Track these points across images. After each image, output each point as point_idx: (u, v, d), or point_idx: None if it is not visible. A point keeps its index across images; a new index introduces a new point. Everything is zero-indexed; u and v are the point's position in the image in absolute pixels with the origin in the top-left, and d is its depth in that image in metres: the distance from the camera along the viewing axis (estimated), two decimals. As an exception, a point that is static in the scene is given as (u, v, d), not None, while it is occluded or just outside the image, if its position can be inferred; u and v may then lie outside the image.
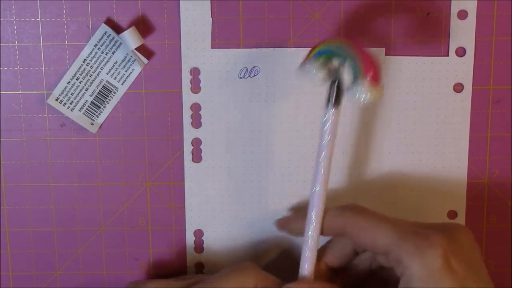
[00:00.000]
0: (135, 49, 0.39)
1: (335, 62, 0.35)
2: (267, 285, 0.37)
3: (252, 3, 0.40)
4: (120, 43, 0.39)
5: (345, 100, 0.35)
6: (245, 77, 0.40)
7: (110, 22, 0.40)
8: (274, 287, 0.37)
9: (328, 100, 0.35)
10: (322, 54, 0.35)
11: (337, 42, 0.34)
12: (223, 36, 0.40)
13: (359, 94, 0.33)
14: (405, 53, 0.40)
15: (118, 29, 0.40)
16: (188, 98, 0.40)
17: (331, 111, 0.35)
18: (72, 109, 0.40)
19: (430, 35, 0.40)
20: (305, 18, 0.40)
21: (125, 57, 0.40)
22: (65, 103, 0.40)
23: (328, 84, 0.35)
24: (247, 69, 0.40)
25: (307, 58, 0.35)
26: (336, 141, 0.41)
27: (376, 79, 0.33)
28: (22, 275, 0.43)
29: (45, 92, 0.40)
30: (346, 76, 0.34)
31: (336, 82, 0.35)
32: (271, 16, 0.40)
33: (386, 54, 0.40)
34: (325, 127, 0.35)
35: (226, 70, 0.40)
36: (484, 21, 0.40)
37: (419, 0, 0.40)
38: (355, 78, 0.33)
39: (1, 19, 0.39)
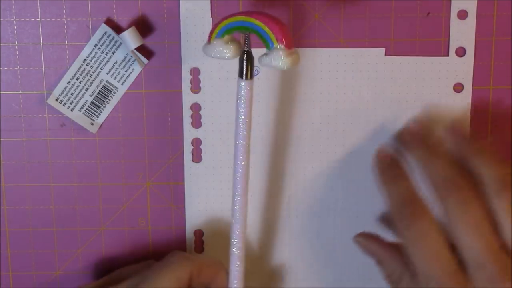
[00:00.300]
0: (135, 49, 0.39)
1: (241, 36, 0.35)
2: (202, 270, 0.37)
3: (252, 3, 0.40)
4: (120, 43, 0.39)
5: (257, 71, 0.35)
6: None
7: (110, 22, 0.40)
8: (210, 268, 0.38)
9: (240, 73, 0.35)
10: (226, 31, 0.34)
11: (239, 17, 0.34)
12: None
13: (276, 62, 0.33)
14: (405, 53, 0.40)
15: (118, 29, 0.40)
16: (188, 98, 0.40)
17: (244, 84, 0.35)
18: (72, 109, 0.40)
19: (430, 35, 0.40)
20: (305, 18, 0.40)
21: (125, 57, 0.40)
22: (65, 103, 0.40)
23: (238, 58, 0.35)
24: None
25: (210, 38, 0.34)
26: (336, 141, 0.41)
27: (290, 44, 0.33)
28: (22, 275, 0.43)
29: (45, 92, 0.40)
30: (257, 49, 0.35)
31: (245, 54, 0.35)
32: (271, 16, 0.40)
33: (386, 54, 0.40)
34: (240, 102, 0.35)
35: (226, 70, 0.40)
36: (484, 21, 0.40)
37: (419, 0, 0.40)
38: (269, 47, 0.33)
39: (1, 19, 0.39)
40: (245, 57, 0.35)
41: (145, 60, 0.40)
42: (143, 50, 0.40)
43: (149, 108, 0.41)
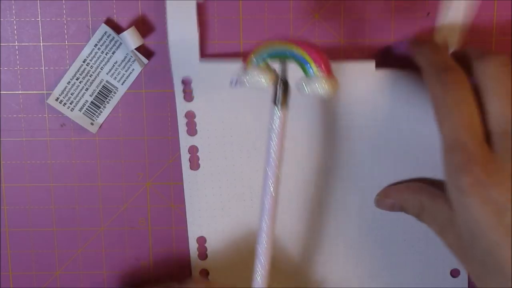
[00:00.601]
0: (135, 49, 0.39)
1: (278, 63, 0.34)
2: None
3: (252, 3, 0.40)
4: (120, 43, 0.39)
5: (291, 98, 0.34)
6: (236, 85, 0.40)
7: (110, 22, 0.40)
8: None
9: (275, 101, 0.34)
10: (264, 59, 0.33)
11: (277, 43, 0.33)
12: (223, 35, 0.40)
13: (318, 90, 0.32)
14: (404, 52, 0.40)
15: (118, 29, 0.40)
16: (181, 106, 0.40)
17: (279, 112, 0.34)
18: (72, 109, 0.40)
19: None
20: (305, 18, 0.40)
21: (125, 57, 0.40)
22: (65, 103, 0.40)
23: (273, 85, 0.34)
24: (237, 79, 0.39)
25: (247, 66, 0.33)
26: (335, 145, 0.41)
27: (329, 71, 0.33)
28: (22, 275, 0.43)
29: (45, 92, 0.40)
30: (292, 74, 0.34)
31: (282, 82, 0.34)
32: (271, 16, 0.40)
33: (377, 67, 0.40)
34: (273, 129, 0.34)
35: (219, 77, 0.39)
36: (484, 21, 0.40)
37: (419, 0, 0.40)
38: (307, 74, 0.32)
39: (1, 19, 0.39)
40: (281, 85, 0.34)
41: (145, 60, 0.40)
42: (143, 50, 0.40)
43: (149, 108, 0.41)
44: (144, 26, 0.40)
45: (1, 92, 0.40)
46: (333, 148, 0.41)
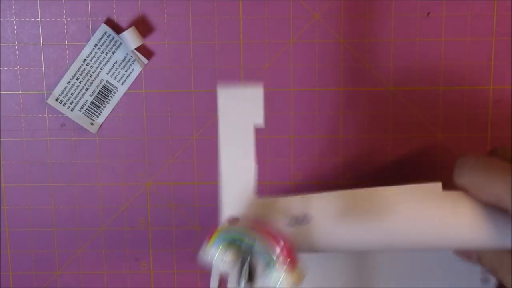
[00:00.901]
0: (135, 49, 0.39)
1: (242, 243, 0.31)
2: None
3: (252, 3, 0.40)
4: (120, 43, 0.39)
5: (259, 276, 0.31)
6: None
7: (110, 22, 0.40)
8: None
9: (239, 278, 0.31)
10: (225, 240, 0.31)
11: (239, 227, 0.31)
12: (223, 36, 0.40)
13: (274, 281, 0.29)
14: (405, 52, 0.40)
15: (118, 29, 0.40)
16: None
17: None
18: (72, 109, 0.40)
19: (430, 35, 0.40)
20: (305, 18, 0.40)
21: (125, 57, 0.40)
22: (65, 103, 0.40)
23: (238, 263, 0.31)
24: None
25: (208, 244, 0.31)
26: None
27: (294, 264, 0.29)
28: (22, 275, 0.43)
29: (45, 92, 0.40)
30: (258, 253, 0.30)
31: (246, 261, 0.31)
32: (271, 16, 0.40)
33: None
34: None
35: None
36: (484, 21, 0.40)
37: (419, 0, 0.40)
38: (267, 263, 0.29)
39: (1, 19, 0.40)
40: (244, 265, 0.31)
41: (145, 60, 0.40)
42: (143, 50, 0.40)
43: (149, 108, 0.41)
44: (144, 26, 0.40)
45: (1, 92, 0.40)
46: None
